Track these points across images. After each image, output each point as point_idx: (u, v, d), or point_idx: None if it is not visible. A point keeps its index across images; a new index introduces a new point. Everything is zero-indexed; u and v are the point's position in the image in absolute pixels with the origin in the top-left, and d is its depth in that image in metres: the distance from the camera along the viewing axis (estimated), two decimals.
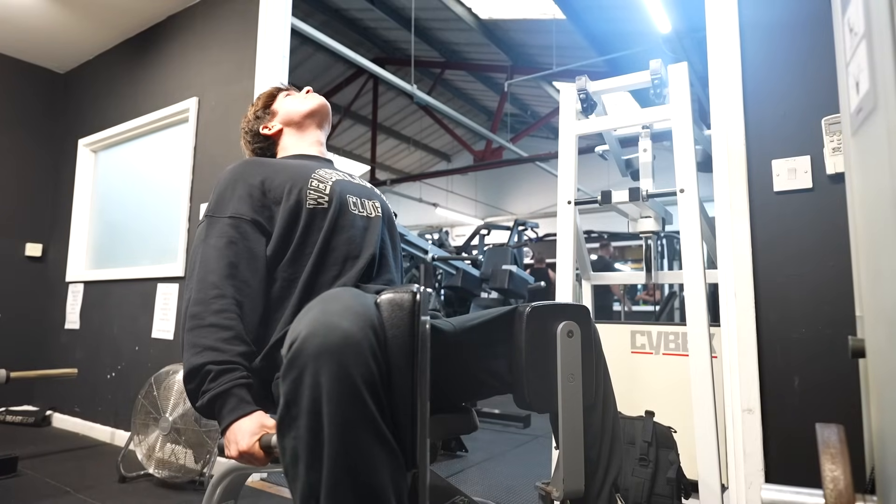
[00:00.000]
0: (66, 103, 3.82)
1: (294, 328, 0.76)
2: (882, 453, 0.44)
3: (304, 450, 0.70)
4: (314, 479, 0.70)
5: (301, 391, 0.70)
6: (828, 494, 0.44)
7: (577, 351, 1.01)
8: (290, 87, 1.40)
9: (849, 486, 0.43)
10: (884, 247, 0.39)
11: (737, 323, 1.57)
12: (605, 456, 1.05)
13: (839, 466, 0.44)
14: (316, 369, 0.69)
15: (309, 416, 0.70)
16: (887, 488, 0.42)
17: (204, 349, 0.93)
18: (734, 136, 1.62)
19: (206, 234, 1.06)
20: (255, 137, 1.35)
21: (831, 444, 0.46)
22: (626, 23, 6.08)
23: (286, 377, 0.71)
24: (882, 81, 0.38)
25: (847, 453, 0.45)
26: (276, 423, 0.73)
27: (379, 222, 1.21)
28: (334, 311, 0.75)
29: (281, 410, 0.72)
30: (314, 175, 1.15)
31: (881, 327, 0.42)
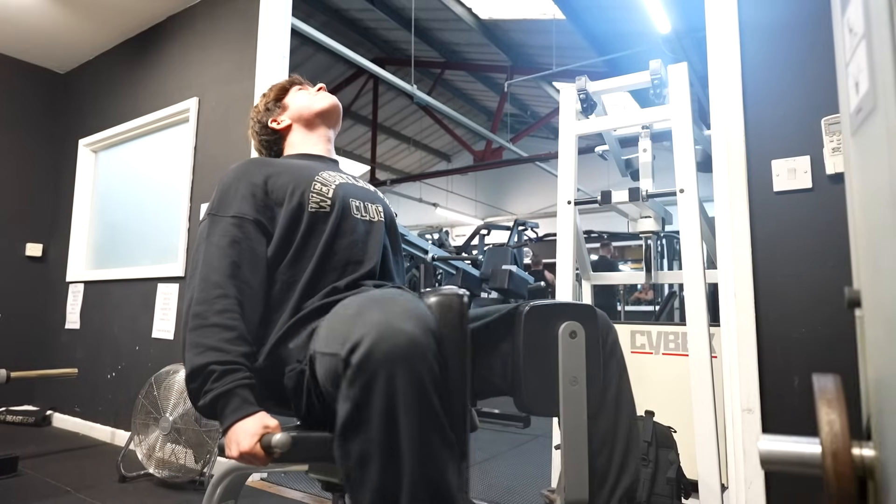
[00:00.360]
0: (66, 103, 3.82)
1: (348, 330, 0.76)
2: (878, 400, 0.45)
3: (378, 453, 0.71)
4: (390, 481, 0.71)
5: (373, 396, 0.70)
6: (824, 437, 0.44)
7: (581, 353, 0.96)
8: (304, 82, 1.38)
9: (845, 428, 0.44)
10: (884, 247, 0.39)
11: (737, 323, 1.57)
12: (615, 465, 1.00)
13: (835, 410, 0.44)
14: (389, 374, 0.70)
15: (383, 420, 0.70)
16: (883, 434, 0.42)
17: (207, 349, 0.93)
18: (734, 136, 1.62)
19: (208, 233, 1.06)
20: (263, 129, 1.33)
21: (828, 391, 0.46)
22: (626, 23, 6.08)
23: (355, 381, 0.71)
24: (882, 81, 0.38)
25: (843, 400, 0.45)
26: (340, 426, 0.72)
27: (381, 227, 1.21)
28: (396, 313, 0.76)
29: (348, 414, 0.72)
30: (317, 178, 1.14)
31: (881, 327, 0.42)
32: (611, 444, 1.01)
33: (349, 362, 0.72)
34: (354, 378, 0.71)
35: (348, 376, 0.71)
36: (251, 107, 2.53)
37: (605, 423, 1.01)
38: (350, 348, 0.73)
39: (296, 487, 2.18)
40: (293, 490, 2.15)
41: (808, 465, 0.48)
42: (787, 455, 0.49)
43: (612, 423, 1.02)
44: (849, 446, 0.43)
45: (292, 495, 2.11)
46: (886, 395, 0.42)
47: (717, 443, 1.50)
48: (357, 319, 0.77)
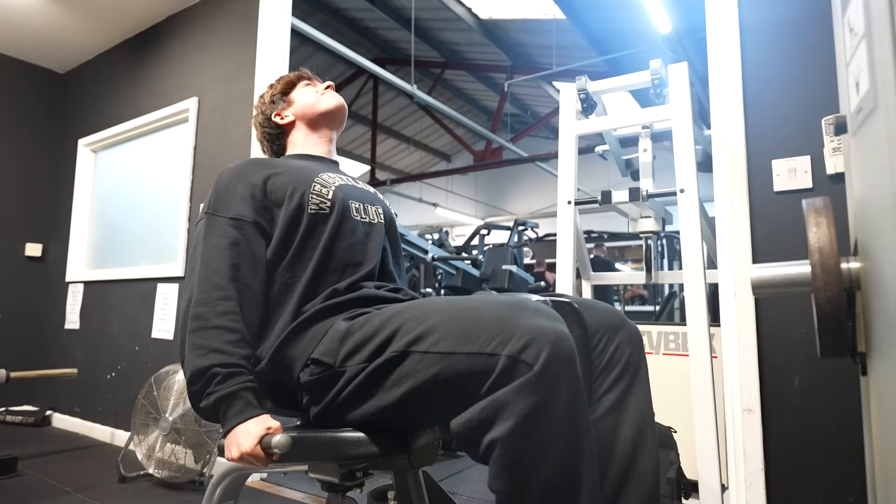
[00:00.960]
0: (66, 103, 3.82)
1: (500, 331, 0.78)
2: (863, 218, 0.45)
3: (562, 438, 0.76)
4: (570, 462, 0.77)
5: (560, 390, 0.75)
6: (812, 243, 0.44)
7: None
8: (312, 78, 1.35)
9: (833, 236, 0.44)
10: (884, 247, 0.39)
11: (737, 323, 1.57)
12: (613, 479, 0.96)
13: (824, 220, 0.45)
14: (571, 372, 0.77)
15: (568, 411, 0.76)
16: (868, 247, 0.43)
17: (210, 351, 0.93)
18: (734, 136, 1.62)
19: (206, 233, 1.05)
20: (266, 122, 1.32)
21: (817, 206, 0.46)
22: (626, 23, 6.08)
23: (544, 377, 0.74)
24: (882, 81, 0.38)
25: (832, 216, 0.45)
26: (524, 416, 0.74)
27: (381, 229, 1.20)
28: (554, 319, 0.81)
29: (536, 405, 0.75)
30: (317, 179, 1.14)
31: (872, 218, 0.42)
32: (602, 465, 0.96)
33: (520, 360, 0.75)
34: (543, 374, 0.74)
35: (536, 372, 0.74)
36: (251, 106, 2.56)
37: (598, 432, 0.97)
38: (520, 348, 0.76)
39: (296, 487, 2.17)
40: (293, 490, 2.15)
41: (797, 284, 0.48)
42: (778, 277, 0.49)
43: (605, 440, 0.97)
44: (835, 246, 0.43)
45: (292, 495, 2.11)
46: (871, 210, 0.42)
47: (718, 443, 1.50)
48: (511, 322, 0.79)
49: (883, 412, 0.41)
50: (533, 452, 0.75)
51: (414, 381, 0.84)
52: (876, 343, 0.42)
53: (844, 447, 1.41)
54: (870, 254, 0.43)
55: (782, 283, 0.49)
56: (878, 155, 0.39)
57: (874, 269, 0.41)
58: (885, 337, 0.39)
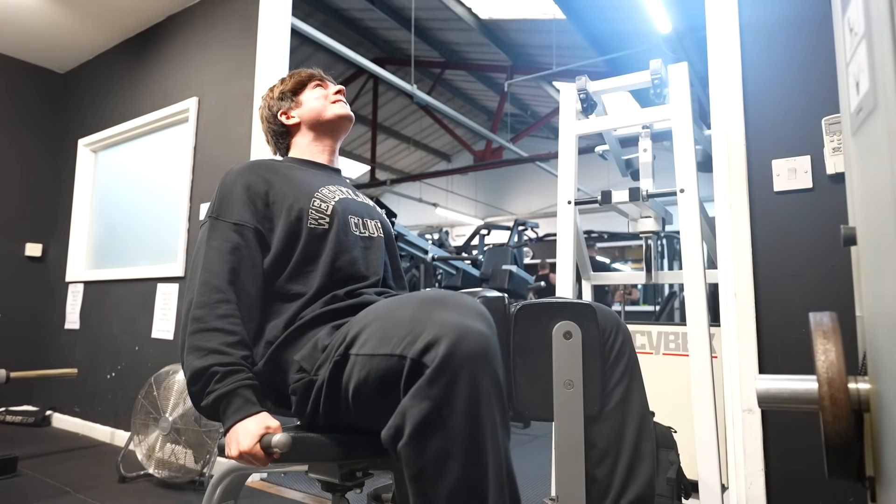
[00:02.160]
0: (66, 103, 3.82)
1: (411, 331, 0.76)
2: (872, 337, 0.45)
3: (460, 450, 0.72)
4: (474, 475, 0.72)
5: (456, 394, 0.71)
6: (820, 367, 0.43)
7: (577, 355, 0.91)
8: (324, 79, 1.34)
9: (840, 358, 0.43)
10: (884, 247, 0.39)
11: (737, 323, 1.57)
12: (619, 475, 0.97)
13: (831, 341, 0.44)
14: (473, 372, 0.72)
15: (466, 417, 0.71)
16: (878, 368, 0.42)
17: (209, 352, 0.94)
18: (734, 136, 1.62)
19: (208, 236, 1.05)
20: (272, 119, 1.31)
21: (824, 324, 0.46)
22: (626, 23, 6.08)
23: (437, 380, 0.71)
24: (882, 81, 0.38)
25: (839, 334, 0.45)
26: (418, 423, 0.71)
27: (381, 243, 1.21)
28: (466, 314, 0.77)
29: (429, 412, 0.72)
30: (317, 194, 1.14)
31: (881, 327, 0.42)
32: (615, 451, 0.98)
33: (422, 363, 0.72)
34: (436, 377, 0.71)
35: (428, 375, 0.71)
36: (251, 106, 2.56)
37: (608, 429, 0.99)
38: (421, 349, 0.73)
39: (296, 487, 2.17)
40: (293, 490, 2.15)
41: (804, 401, 0.47)
42: (784, 393, 0.48)
43: (616, 431, 0.99)
44: (844, 376, 0.43)
45: (292, 495, 2.11)
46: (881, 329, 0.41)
47: (718, 443, 1.50)
48: (422, 320, 0.77)
49: None
50: (432, 465, 0.72)
51: (354, 385, 0.84)
52: (885, 469, 0.40)
53: None
54: (878, 374, 0.42)
55: (789, 400, 0.48)
56: (878, 155, 0.39)
57: (883, 392, 0.41)
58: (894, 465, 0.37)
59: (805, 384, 0.47)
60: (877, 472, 0.44)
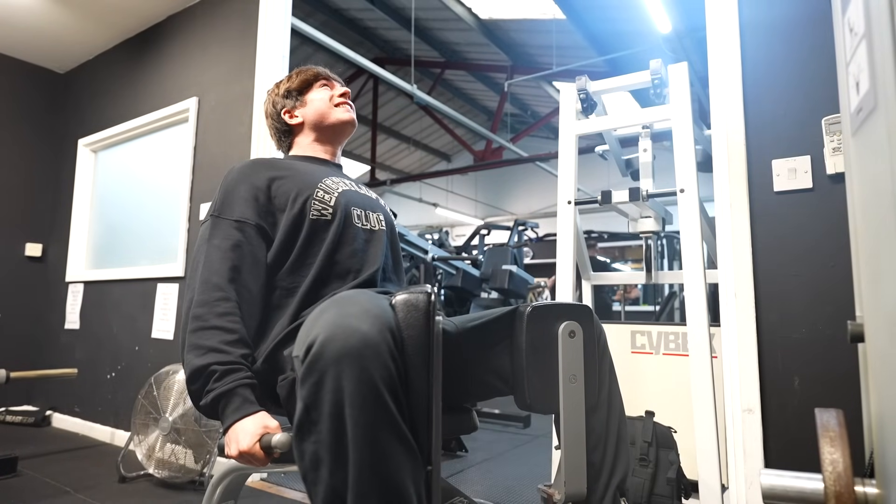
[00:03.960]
0: (65, 103, 3.82)
1: (309, 331, 0.76)
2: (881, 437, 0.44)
3: (326, 453, 0.70)
4: (338, 481, 0.70)
5: (322, 395, 0.70)
6: (827, 477, 0.44)
7: (580, 352, 1.00)
8: (330, 79, 1.34)
9: (848, 468, 0.43)
10: (884, 247, 0.39)
11: (737, 323, 1.57)
12: (609, 458, 1.04)
13: (838, 449, 0.44)
14: (337, 373, 0.69)
15: (331, 420, 0.70)
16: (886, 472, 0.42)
17: (208, 351, 0.94)
18: (734, 136, 1.62)
19: (209, 235, 1.05)
20: (276, 116, 1.30)
21: (830, 428, 0.46)
22: (626, 23, 6.08)
23: (305, 381, 0.71)
24: (882, 81, 0.38)
25: (846, 437, 0.45)
26: (294, 426, 0.72)
27: (383, 236, 1.21)
28: (351, 313, 0.75)
29: (300, 415, 0.72)
30: (320, 185, 1.14)
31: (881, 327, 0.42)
32: (604, 439, 1.04)
33: (301, 362, 0.72)
34: (305, 378, 0.70)
35: (301, 376, 0.71)
36: (251, 106, 2.56)
37: (599, 419, 1.04)
38: (305, 350, 0.72)
39: (296, 487, 2.17)
40: (293, 490, 2.15)
41: (810, 501, 0.47)
42: (790, 490, 0.49)
43: (605, 419, 1.05)
44: (852, 486, 0.43)
45: (292, 495, 2.11)
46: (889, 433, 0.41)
47: (718, 443, 1.50)
48: (316, 320, 0.77)
49: None
50: (309, 468, 0.72)
51: None
52: None
53: None
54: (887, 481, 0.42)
55: (794, 498, 0.48)
56: (878, 155, 0.39)
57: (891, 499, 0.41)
58: None
59: (811, 483, 0.47)
60: None
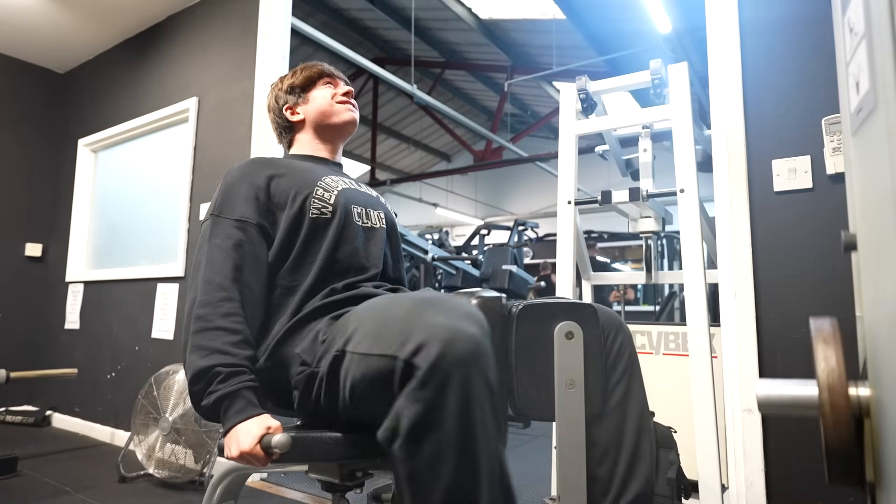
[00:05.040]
0: (66, 103, 3.82)
1: (403, 332, 0.76)
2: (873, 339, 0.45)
3: (452, 452, 0.71)
4: (464, 477, 0.72)
5: (447, 397, 0.71)
6: (820, 373, 0.44)
7: (579, 355, 0.92)
8: (334, 77, 1.31)
9: (841, 365, 0.43)
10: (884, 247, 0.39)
11: (737, 323, 1.57)
12: (620, 473, 0.97)
13: (831, 347, 0.44)
14: (464, 375, 0.71)
15: (459, 419, 0.71)
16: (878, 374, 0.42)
17: (212, 352, 0.93)
18: (734, 136, 1.62)
19: (210, 234, 1.05)
20: (278, 112, 1.29)
21: (824, 330, 0.46)
22: (626, 23, 6.08)
23: (428, 383, 0.71)
24: (882, 81, 0.38)
25: (840, 339, 0.45)
26: (409, 426, 0.72)
27: (383, 233, 1.20)
28: (458, 316, 0.76)
29: (419, 414, 0.72)
30: (320, 183, 1.13)
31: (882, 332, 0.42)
32: (615, 450, 0.98)
33: (413, 364, 0.72)
34: (428, 380, 0.71)
35: (420, 377, 0.71)
36: (251, 106, 2.56)
37: (608, 428, 0.99)
38: (413, 350, 0.73)
39: (296, 487, 2.17)
40: (293, 490, 2.15)
41: (804, 406, 0.47)
42: (784, 398, 0.49)
43: (616, 429, 1.00)
44: (845, 382, 0.43)
45: (292, 495, 2.11)
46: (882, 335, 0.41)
47: (718, 443, 1.50)
48: (413, 321, 0.76)
49: None
50: (424, 468, 0.72)
51: (351, 381, 0.84)
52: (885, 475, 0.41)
53: None
54: (878, 380, 0.42)
55: (789, 405, 0.49)
56: (878, 155, 0.39)
57: (883, 398, 0.41)
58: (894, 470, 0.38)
59: (805, 389, 0.47)
60: (877, 477, 0.44)
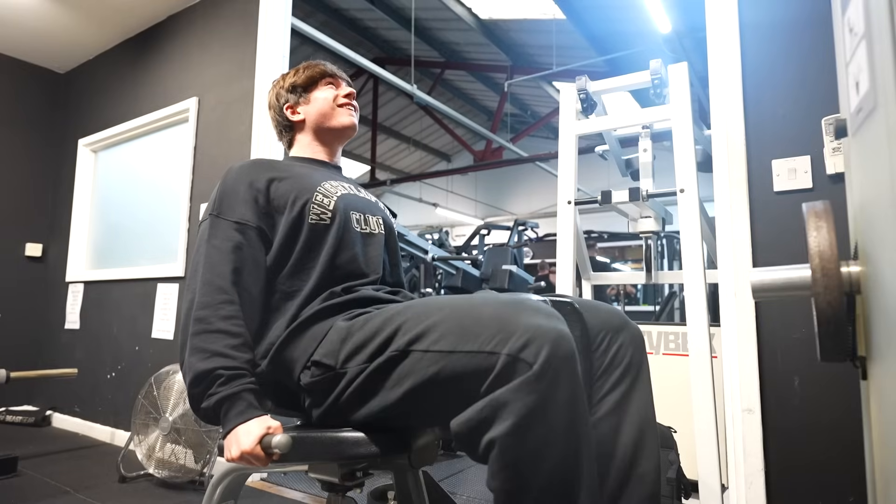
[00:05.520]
0: (66, 103, 3.82)
1: (501, 330, 0.78)
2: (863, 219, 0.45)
3: (561, 440, 0.75)
4: (570, 462, 0.76)
5: (559, 390, 0.75)
6: (812, 244, 0.44)
7: None
8: (336, 77, 1.31)
9: (833, 240, 0.44)
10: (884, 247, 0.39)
11: (737, 323, 1.57)
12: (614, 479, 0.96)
13: (824, 221, 0.45)
14: (571, 371, 0.76)
15: (568, 411, 0.76)
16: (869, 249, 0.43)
17: (213, 355, 0.93)
18: (734, 136, 1.62)
19: (209, 235, 1.04)
20: (279, 111, 1.29)
21: (817, 207, 0.46)
22: (626, 23, 6.08)
23: (543, 376, 0.74)
24: (882, 81, 0.38)
25: (832, 218, 0.45)
26: (519, 417, 0.74)
27: (382, 239, 1.20)
28: (553, 318, 0.80)
29: (534, 405, 0.74)
30: (319, 189, 1.13)
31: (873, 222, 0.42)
32: (604, 466, 0.95)
33: (521, 359, 0.75)
34: (543, 373, 0.74)
35: (536, 371, 0.74)
36: (251, 106, 2.56)
37: (599, 433, 0.97)
38: (520, 346, 0.75)
39: (296, 487, 2.18)
40: (293, 490, 2.15)
41: (797, 287, 0.48)
42: (778, 281, 0.49)
43: (605, 443, 0.97)
44: (836, 250, 0.43)
45: (292, 495, 2.11)
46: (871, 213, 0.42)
47: (718, 443, 1.50)
48: (511, 321, 0.79)
49: (883, 415, 0.41)
50: (531, 452, 0.74)
51: (414, 380, 0.84)
52: (876, 347, 0.42)
53: (844, 447, 1.41)
54: (870, 257, 0.43)
55: (782, 287, 0.49)
56: (878, 155, 0.39)
57: (874, 273, 0.41)
58: (885, 340, 0.38)
59: (798, 272, 0.48)
60: (868, 350, 0.44)
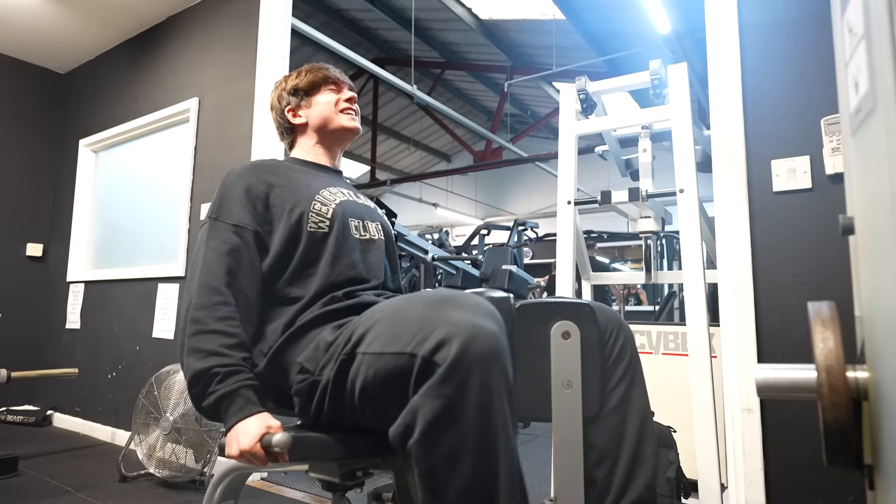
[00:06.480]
0: (66, 103, 3.82)
1: (421, 330, 0.76)
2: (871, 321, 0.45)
3: (472, 447, 0.72)
4: (485, 472, 0.73)
5: (468, 392, 0.71)
6: (818, 354, 0.44)
7: (576, 355, 0.90)
8: (339, 81, 1.31)
9: (839, 346, 0.44)
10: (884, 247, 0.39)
11: (736, 323, 1.57)
12: (620, 476, 0.96)
13: (829, 329, 0.44)
14: (485, 371, 0.72)
15: (479, 415, 0.72)
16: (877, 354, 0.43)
17: (209, 354, 0.94)
18: (734, 136, 1.62)
19: (208, 237, 1.06)
20: (280, 113, 1.29)
21: (822, 313, 0.46)
22: (626, 23, 6.08)
23: (449, 379, 0.71)
24: (881, 81, 0.38)
25: (838, 323, 0.45)
26: (428, 422, 0.72)
27: (381, 245, 1.21)
28: (478, 313, 0.77)
29: (439, 410, 0.72)
30: (318, 197, 1.13)
31: (881, 327, 0.42)
32: (614, 453, 0.97)
33: (434, 361, 0.72)
34: (448, 376, 0.71)
35: (441, 374, 0.71)
36: (251, 107, 2.56)
37: (607, 431, 0.98)
38: (433, 347, 0.73)
39: (296, 487, 2.18)
40: (293, 490, 2.15)
41: (803, 389, 0.47)
42: (783, 381, 0.49)
43: (615, 432, 0.99)
44: (843, 363, 0.43)
45: (292, 495, 2.11)
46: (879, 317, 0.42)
47: (717, 443, 1.50)
48: (432, 318, 0.77)
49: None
50: (443, 462, 0.72)
51: (360, 383, 0.84)
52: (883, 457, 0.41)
53: None
54: (877, 364, 0.42)
55: (787, 388, 0.49)
56: (878, 155, 0.39)
57: (881, 381, 0.41)
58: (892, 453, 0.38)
59: (804, 373, 0.48)
60: (874, 459, 0.44)
